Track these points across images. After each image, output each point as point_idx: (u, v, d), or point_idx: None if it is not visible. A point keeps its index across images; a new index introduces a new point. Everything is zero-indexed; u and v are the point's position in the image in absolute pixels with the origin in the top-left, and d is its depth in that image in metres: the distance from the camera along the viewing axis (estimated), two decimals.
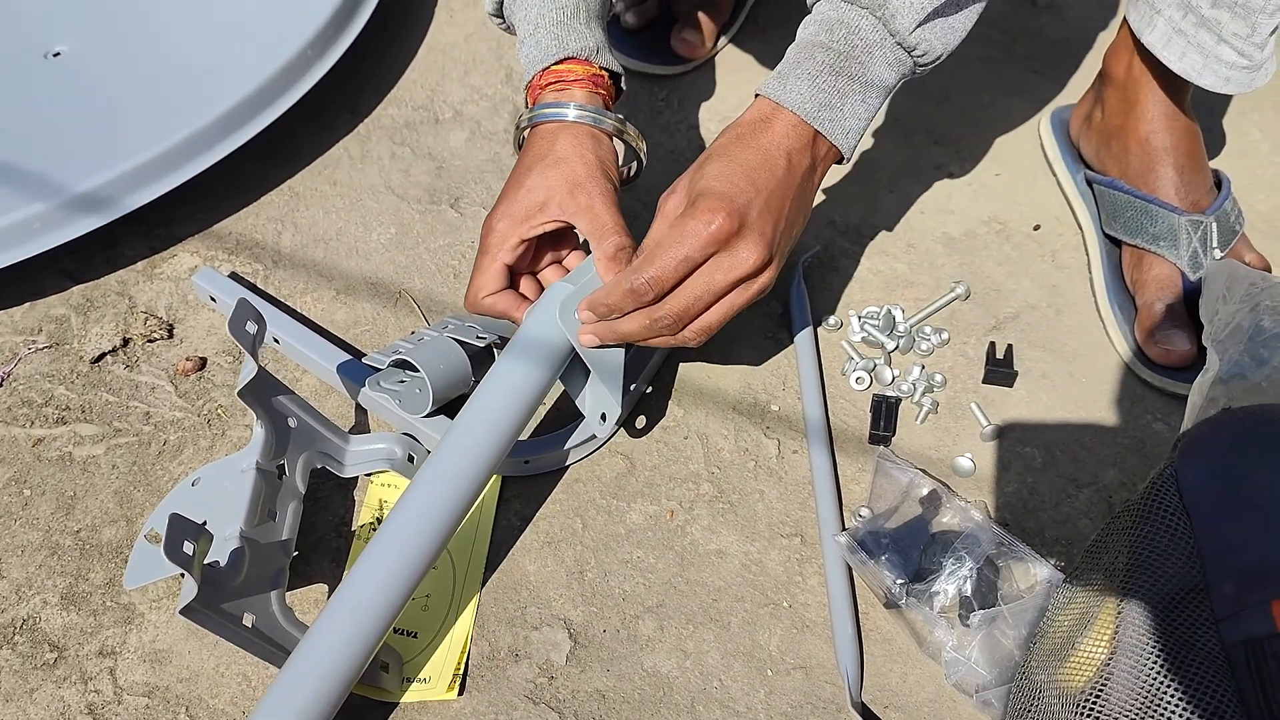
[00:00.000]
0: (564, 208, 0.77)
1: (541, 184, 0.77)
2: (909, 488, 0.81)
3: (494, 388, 0.74)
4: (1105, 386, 0.91)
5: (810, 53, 0.73)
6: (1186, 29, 0.85)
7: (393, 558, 0.67)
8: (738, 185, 0.70)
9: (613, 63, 0.83)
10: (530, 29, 0.81)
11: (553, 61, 0.80)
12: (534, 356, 0.74)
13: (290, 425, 0.77)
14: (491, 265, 0.78)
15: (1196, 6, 0.84)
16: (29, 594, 0.77)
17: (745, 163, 0.71)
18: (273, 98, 1.03)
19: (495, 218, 0.79)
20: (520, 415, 0.73)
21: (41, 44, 1.07)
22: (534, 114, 0.80)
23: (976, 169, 1.09)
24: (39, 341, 0.91)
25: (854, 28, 0.72)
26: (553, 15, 0.81)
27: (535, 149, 0.79)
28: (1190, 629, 0.61)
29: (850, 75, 0.73)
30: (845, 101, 0.73)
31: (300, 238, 1.00)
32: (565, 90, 0.80)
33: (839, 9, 0.73)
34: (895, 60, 0.73)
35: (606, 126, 0.80)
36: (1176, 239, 0.92)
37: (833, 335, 0.94)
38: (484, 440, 0.71)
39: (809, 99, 0.72)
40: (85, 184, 0.92)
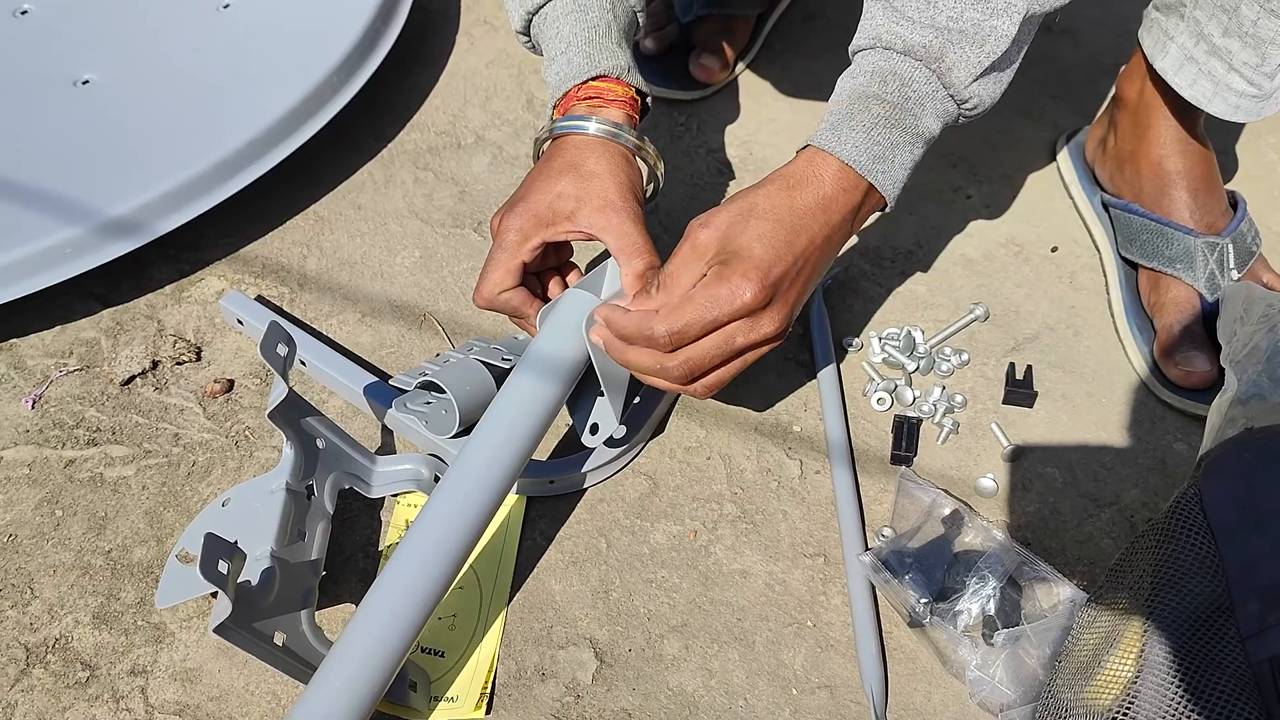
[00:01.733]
0: (593, 222, 0.78)
1: (572, 193, 0.78)
2: (931, 508, 0.81)
3: (511, 400, 0.75)
4: (1125, 407, 0.92)
5: (865, 104, 0.73)
6: (1198, 56, 0.86)
7: (412, 574, 0.68)
8: (778, 253, 0.69)
9: (642, 83, 0.85)
10: (562, 47, 0.82)
11: (586, 78, 0.81)
12: (551, 368, 0.75)
13: (319, 446, 0.78)
14: (510, 262, 0.79)
15: (1208, 35, 0.85)
16: (61, 613, 0.77)
17: (791, 225, 0.71)
18: (298, 124, 1.05)
19: (515, 215, 0.79)
20: (538, 428, 0.74)
21: (71, 72, 1.09)
22: (564, 124, 0.81)
23: (994, 192, 1.10)
24: (70, 364, 0.92)
25: (908, 80, 0.72)
26: (584, 34, 0.82)
27: (565, 157, 0.80)
28: (1216, 647, 0.61)
29: (904, 127, 0.73)
30: (897, 153, 0.73)
31: (325, 261, 1.01)
32: (603, 108, 0.81)
33: (890, 59, 0.73)
34: (944, 112, 0.74)
35: (629, 145, 0.81)
36: (1193, 261, 0.92)
37: (854, 356, 0.95)
38: (502, 453, 0.72)
39: (863, 151, 0.72)
40: (115, 210, 0.94)
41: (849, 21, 1.27)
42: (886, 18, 0.73)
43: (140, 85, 1.08)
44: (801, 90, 1.20)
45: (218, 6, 1.16)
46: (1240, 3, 0.81)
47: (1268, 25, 0.81)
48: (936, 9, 0.71)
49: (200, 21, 1.15)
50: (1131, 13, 1.30)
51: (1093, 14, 1.30)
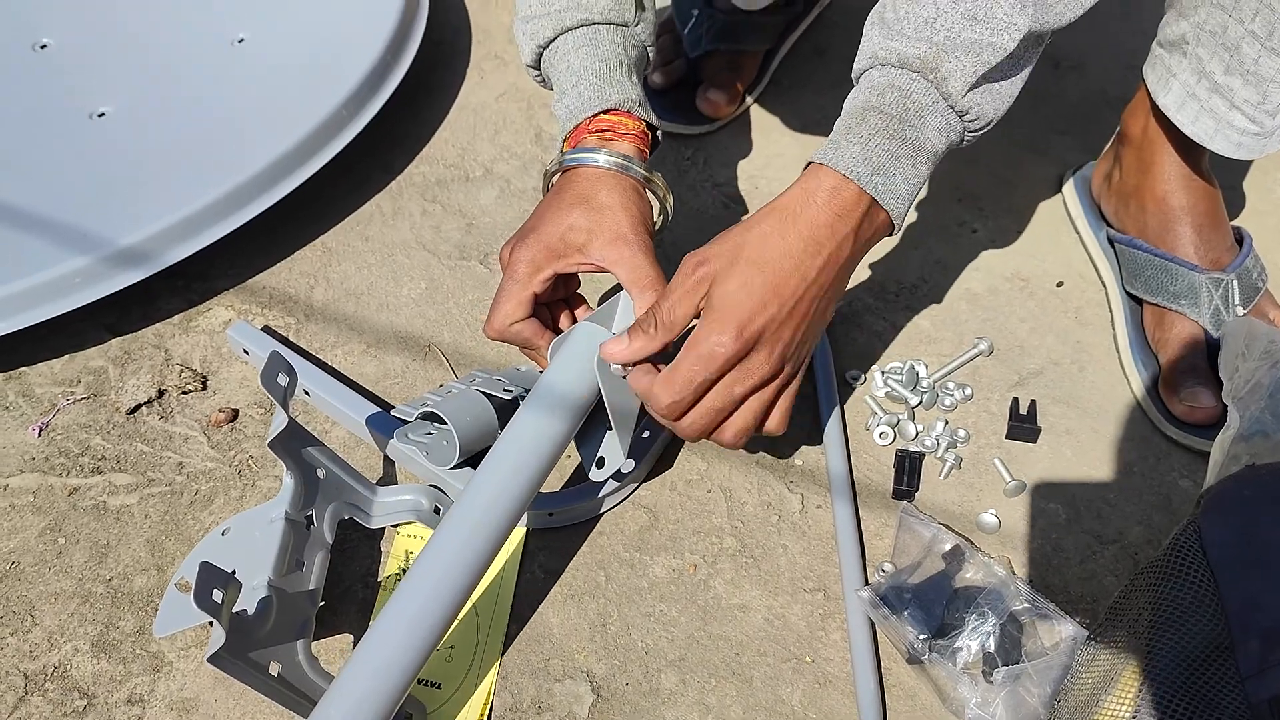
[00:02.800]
0: (604, 255, 0.79)
1: (584, 225, 0.79)
2: (932, 543, 0.81)
3: (519, 436, 0.75)
4: (1129, 443, 0.91)
5: (862, 117, 0.72)
6: (1200, 94, 0.86)
7: (416, 609, 0.68)
8: (761, 300, 0.69)
9: (652, 116, 0.85)
10: (573, 80, 0.83)
11: (597, 111, 0.82)
12: (560, 404, 0.75)
13: (319, 476, 0.79)
14: (522, 293, 0.79)
15: (1210, 73, 0.85)
16: (61, 641, 0.78)
17: (778, 270, 0.70)
18: (307, 156, 1.06)
19: (526, 247, 0.79)
20: (545, 465, 0.74)
21: (88, 105, 1.11)
22: (575, 156, 0.82)
23: (1000, 226, 1.10)
24: (77, 393, 0.93)
25: (906, 91, 0.71)
26: (596, 68, 0.83)
27: (577, 189, 0.80)
28: (1215, 687, 0.60)
29: (903, 139, 0.71)
30: (898, 166, 0.71)
31: (332, 292, 1.02)
32: (614, 140, 0.82)
33: (889, 74, 0.72)
34: (947, 125, 0.72)
35: (639, 177, 0.82)
36: (1197, 297, 0.92)
37: (857, 391, 0.94)
38: (510, 488, 0.72)
39: (861, 162, 0.71)
40: (125, 239, 0.95)
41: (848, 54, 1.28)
42: (883, 36, 0.73)
43: (154, 118, 1.10)
44: (809, 125, 1.21)
45: (231, 41, 1.18)
46: (1241, 41, 0.81)
47: (1269, 64, 0.81)
48: (934, 29, 0.71)
49: (214, 56, 1.17)
50: (1138, 49, 1.30)
51: (1100, 49, 1.30)
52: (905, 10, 0.72)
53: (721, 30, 1.18)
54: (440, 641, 0.69)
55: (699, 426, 0.72)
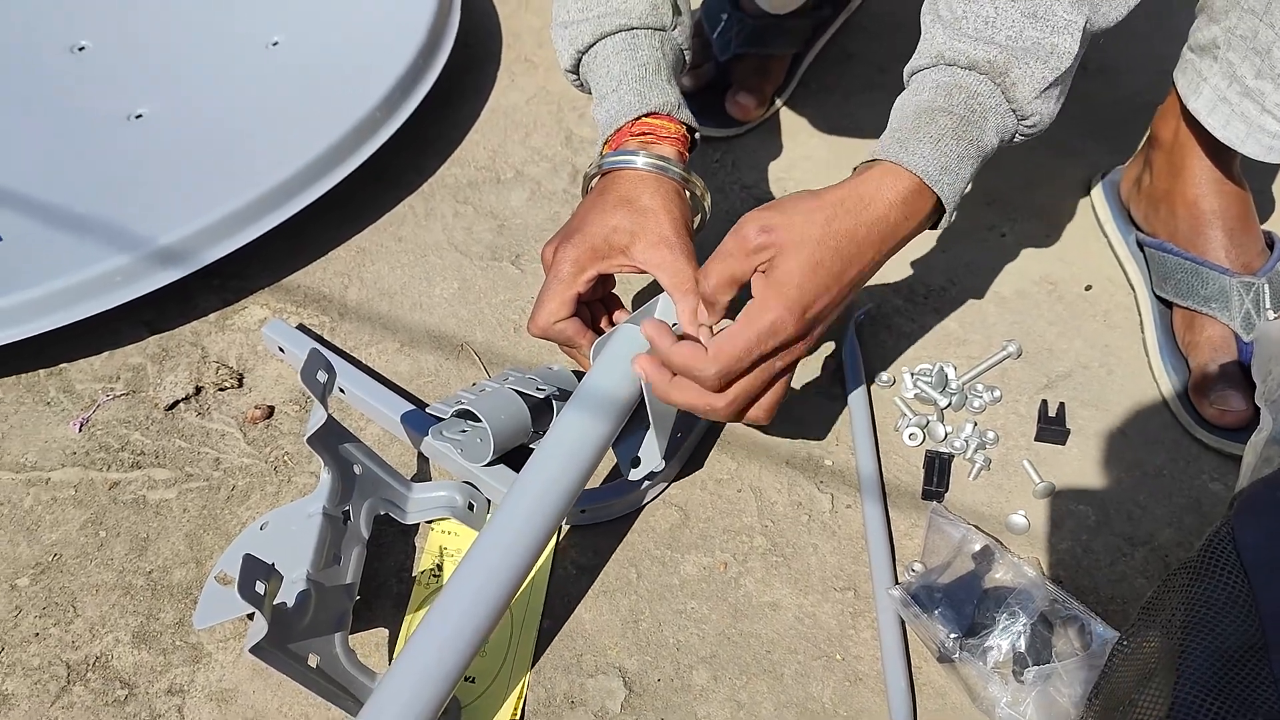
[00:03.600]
0: (648, 258, 0.80)
1: (627, 227, 0.80)
2: (962, 543, 0.81)
3: (563, 438, 0.76)
4: (1159, 446, 0.91)
5: (932, 117, 0.73)
6: (1231, 98, 0.86)
7: (463, 610, 0.69)
8: (825, 286, 0.70)
9: (691, 119, 0.86)
10: (613, 85, 0.84)
11: (638, 115, 0.83)
12: (603, 406, 0.76)
13: (356, 472, 0.80)
14: (566, 292, 0.81)
15: (1241, 76, 0.85)
16: (102, 632, 0.79)
17: (846, 257, 0.71)
18: (341, 158, 1.07)
19: (571, 246, 0.80)
20: (589, 467, 0.75)
21: (125, 107, 1.13)
22: (617, 158, 0.83)
23: (1029, 230, 1.10)
24: (117, 389, 0.95)
25: (973, 93, 0.73)
26: (635, 72, 0.84)
27: (619, 191, 0.81)
28: (1249, 687, 0.60)
29: (970, 140, 0.73)
30: (962, 166, 0.73)
31: (366, 292, 1.03)
32: (655, 144, 0.83)
33: (954, 75, 0.73)
34: (1003, 128, 0.74)
35: (680, 180, 0.83)
36: (1228, 300, 0.92)
37: (886, 392, 0.95)
38: (554, 491, 0.73)
39: (932, 162, 0.72)
40: (163, 239, 0.96)
41: (885, 61, 1.29)
42: (947, 36, 0.74)
43: (190, 119, 1.12)
44: (837, 128, 1.21)
45: (266, 44, 1.20)
46: (1273, 45, 0.81)
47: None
48: (995, 28, 0.72)
49: (249, 59, 1.18)
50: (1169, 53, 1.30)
51: (1130, 54, 1.30)
52: (963, 9, 0.72)
53: (750, 34, 1.19)
54: (485, 642, 0.70)
55: (739, 404, 0.72)
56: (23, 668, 0.77)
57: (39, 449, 0.90)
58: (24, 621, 0.80)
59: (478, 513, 0.85)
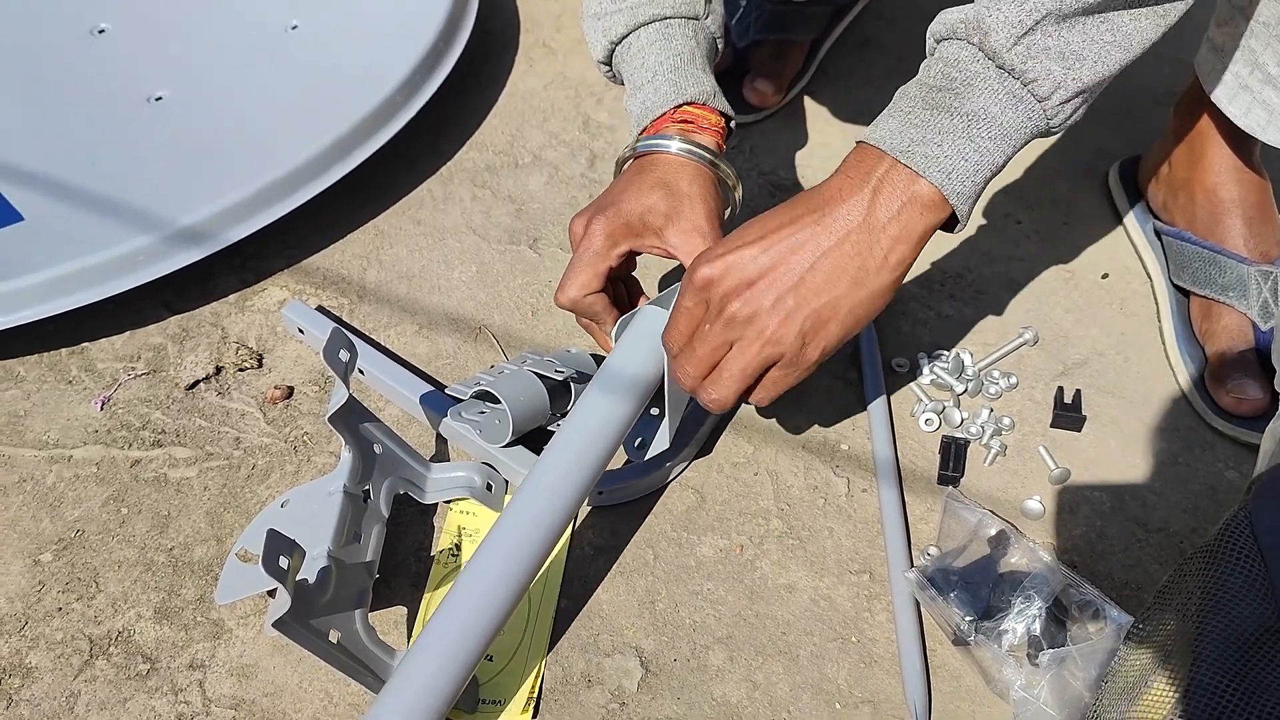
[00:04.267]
0: (679, 244, 0.80)
1: (663, 209, 0.80)
2: (978, 527, 0.81)
3: (587, 417, 0.76)
4: (1175, 433, 0.91)
5: (904, 92, 0.70)
6: (1253, 85, 0.86)
7: (487, 587, 0.69)
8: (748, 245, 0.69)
9: (728, 107, 0.86)
10: (648, 75, 0.84)
11: (675, 105, 0.83)
12: (627, 386, 0.77)
13: (376, 452, 0.81)
14: (599, 264, 0.80)
15: (1263, 64, 0.85)
16: (125, 608, 0.80)
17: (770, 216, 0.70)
18: (361, 141, 1.08)
19: (605, 220, 0.80)
20: (612, 446, 0.76)
21: (145, 89, 1.13)
22: (655, 141, 0.83)
23: (1045, 218, 1.10)
24: (138, 368, 0.95)
25: (951, 60, 0.67)
26: (671, 61, 0.84)
27: (658, 173, 0.81)
28: (1265, 671, 0.61)
29: (947, 109, 0.66)
30: (944, 138, 0.66)
31: (385, 274, 1.04)
32: (695, 133, 0.83)
33: (939, 49, 0.69)
34: (1006, 93, 0.66)
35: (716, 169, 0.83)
36: (1246, 289, 0.92)
37: (902, 378, 0.95)
38: (577, 470, 0.74)
39: (898, 134, 0.67)
40: (184, 220, 0.97)
41: (903, 48, 1.29)
42: (940, 16, 0.69)
43: (210, 102, 1.12)
44: (855, 116, 1.21)
45: (286, 27, 1.20)
46: None
47: None
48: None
49: (269, 41, 1.19)
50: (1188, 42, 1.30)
51: None
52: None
53: (769, 20, 1.19)
54: (508, 619, 0.70)
55: (692, 370, 0.72)
56: (46, 642, 0.78)
57: (61, 427, 0.91)
58: (47, 596, 0.81)
59: (496, 493, 0.85)
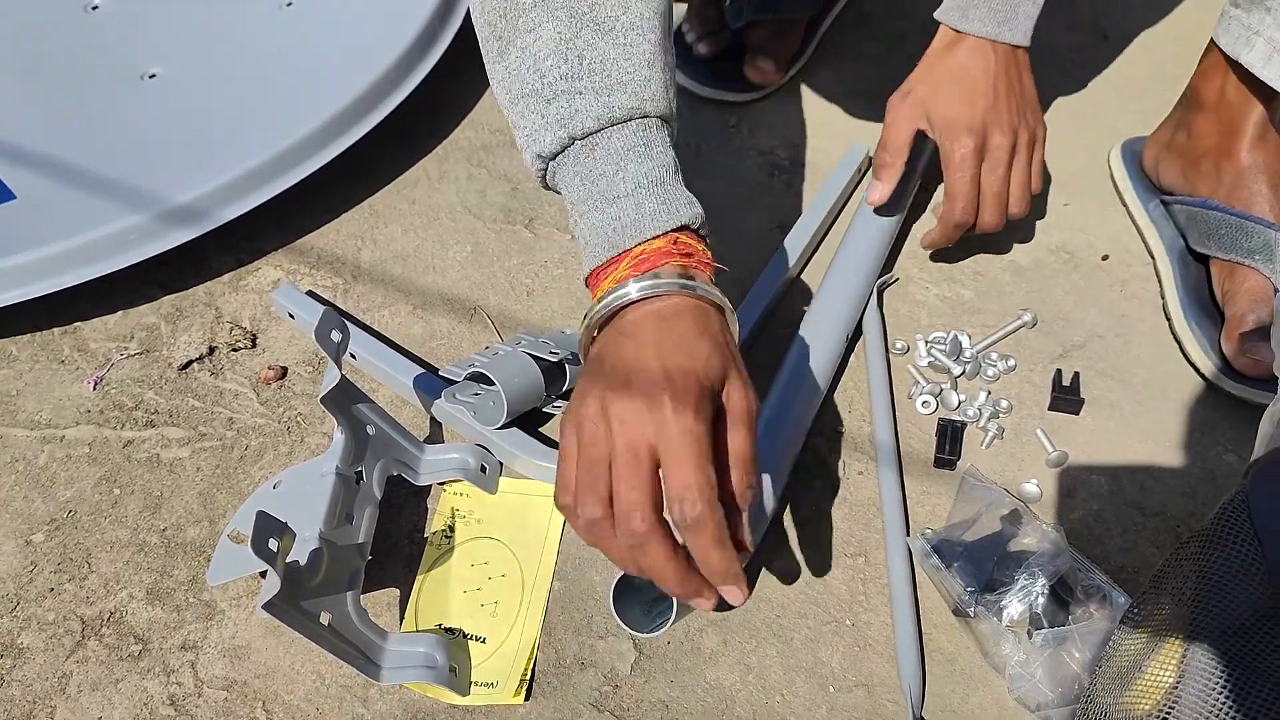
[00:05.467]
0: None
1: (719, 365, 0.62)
2: (990, 505, 0.81)
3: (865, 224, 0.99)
4: (1174, 417, 0.91)
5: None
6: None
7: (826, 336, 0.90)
8: (965, 103, 0.91)
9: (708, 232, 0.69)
10: (629, 187, 0.65)
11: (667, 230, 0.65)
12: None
13: (369, 433, 0.80)
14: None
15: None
16: (117, 588, 0.80)
17: (969, 75, 0.91)
18: (355, 119, 1.07)
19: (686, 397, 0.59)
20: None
21: (139, 66, 1.12)
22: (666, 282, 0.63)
23: (1045, 199, 1.09)
24: (131, 348, 0.95)
25: None
26: (656, 174, 0.66)
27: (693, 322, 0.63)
28: (1260, 655, 0.60)
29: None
30: (1019, 10, 0.89)
31: (379, 254, 1.03)
32: (698, 270, 0.65)
33: None
34: None
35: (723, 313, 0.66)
36: (1273, 253, 0.92)
37: (899, 360, 0.95)
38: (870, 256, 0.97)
39: (989, 22, 0.89)
40: (178, 199, 0.96)
41: (904, 26, 1.28)
42: None
43: (204, 79, 1.11)
44: (853, 94, 1.20)
45: (280, 4, 1.19)
46: None
47: None
48: None
49: (263, 19, 1.18)
50: (1186, 20, 1.29)
51: (1147, 23, 1.29)
52: None
53: (761, 1, 1.18)
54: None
55: (992, 213, 0.94)
56: (38, 622, 0.78)
57: (53, 407, 0.91)
58: (39, 577, 0.80)
59: (490, 475, 0.85)
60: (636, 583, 0.70)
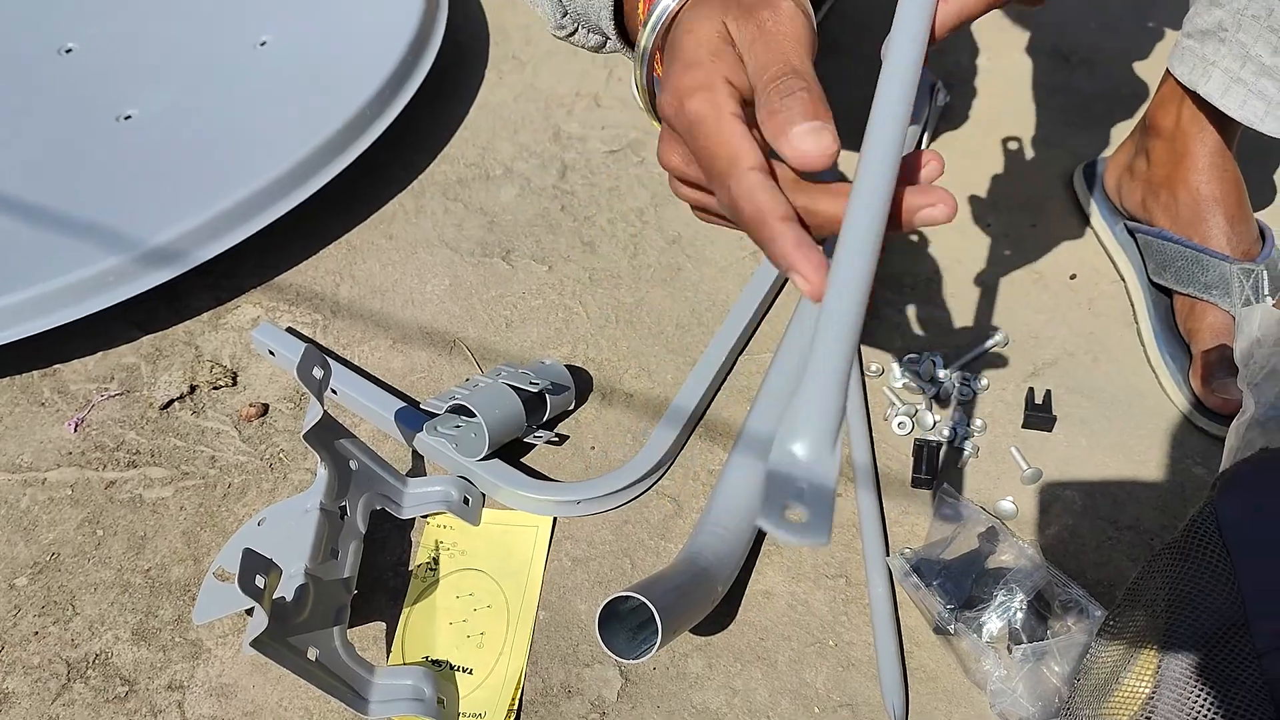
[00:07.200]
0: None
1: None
2: (967, 523, 0.82)
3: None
4: (1144, 432, 0.92)
5: None
6: (1246, 78, 0.87)
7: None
8: None
9: None
10: None
11: None
12: None
13: (352, 468, 0.81)
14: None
15: (1256, 56, 0.85)
16: (102, 630, 0.80)
17: None
18: (332, 156, 1.08)
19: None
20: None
21: (114, 107, 1.13)
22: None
23: (1013, 221, 1.11)
24: (111, 389, 0.95)
25: None
26: None
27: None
28: (1233, 664, 0.62)
29: None
30: None
31: (358, 289, 1.04)
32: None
33: None
34: None
35: None
36: (1229, 287, 0.93)
37: (875, 381, 0.96)
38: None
39: None
40: (155, 239, 0.97)
41: (875, 52, 1.30)
42: None
43: (180, 119, 1.12)
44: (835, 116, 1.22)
45: (254, 44, 1.20)
46: None
47: None
48: None
49: (237, 58, 1.19)
50: (1148, 42, 1.32)
51: (1110, 46, 1.32)
52: None
53: None
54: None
55: None
56: (23, 666, 0.78)
57: (34, 449, 0.91)
58: (23, 620, 0.80)
59: (473, 507, 0.86)
60: (621, 610, 0.71)
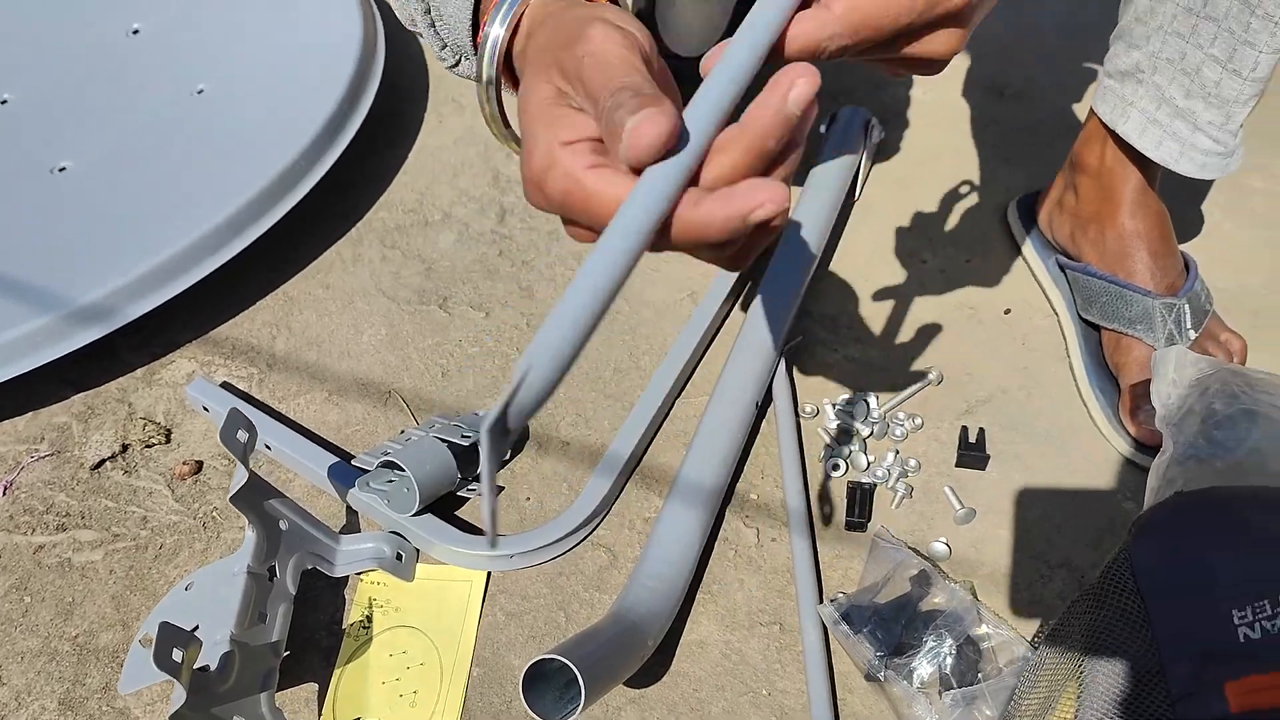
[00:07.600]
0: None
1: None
2: (899, 566, 0.83)
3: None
4: (1076, 468, 0.93)
5: None
6: (1161, 119, 0.89)
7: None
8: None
9: None
10: None
11: None
12: None
13: (282, 528, 0.80)
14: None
15: (1170, 98, 0.87)
16: (28, 700, 0.79)
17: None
18: (268, 206, 1.07)
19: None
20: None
21: (49, 159, 1.12)
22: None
23: (948, 256, 1.12)
24: (41, 450, 0.94)
25: None
26: None
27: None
28: (1148, 710, 0.62)
29: None
30: None
31: (294, 341, 1.04)
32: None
33: None
34: None
35: None
36: (1152, 322, 0.94)
37: (808, 423, 0.97)
38: None
39: None
40: (87, 296, 0.96)
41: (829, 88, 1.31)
42: None
43: (115, 171, 1.11)
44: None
45: (192, 92, 1.20)
46: (1201, 65, 0.84)
47: (1231, 86, 0.83)
48: None
49: (174, 107, 1.18)
50: (1081, 77, 1.34)
51: (1043, 80, 1.33)
52: None
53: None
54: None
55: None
56: None
57: None
58: None
59: (406, 563, 0.85)
60: (548, 669, 0.71)
